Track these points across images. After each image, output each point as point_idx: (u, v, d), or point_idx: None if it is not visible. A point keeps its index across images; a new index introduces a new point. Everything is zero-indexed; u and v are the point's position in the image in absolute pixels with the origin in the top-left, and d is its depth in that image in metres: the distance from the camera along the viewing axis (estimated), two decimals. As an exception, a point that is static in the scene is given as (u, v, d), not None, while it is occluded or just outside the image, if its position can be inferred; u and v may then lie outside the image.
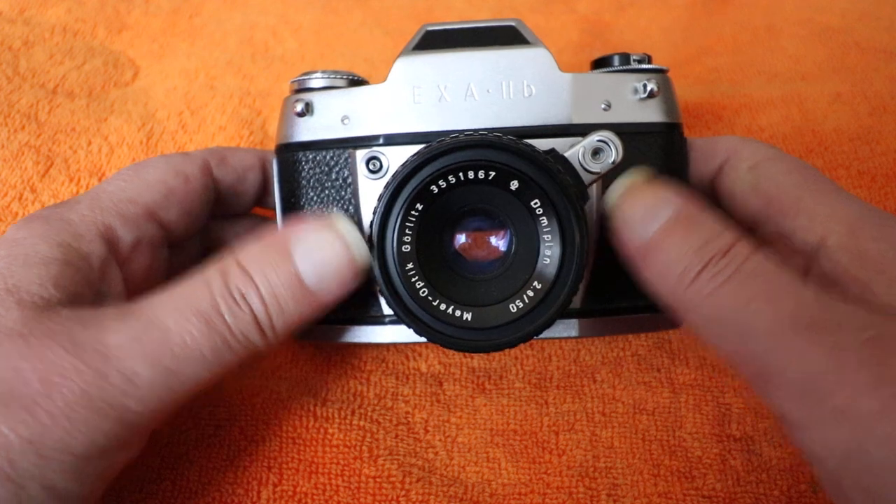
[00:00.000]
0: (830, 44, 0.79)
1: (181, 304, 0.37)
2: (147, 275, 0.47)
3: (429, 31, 0.47)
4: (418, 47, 0.46)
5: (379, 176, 0.45)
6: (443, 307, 0.40)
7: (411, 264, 0.40)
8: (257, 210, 0.57)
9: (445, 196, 0.40)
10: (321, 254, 0.39)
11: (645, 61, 0.48)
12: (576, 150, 0.41)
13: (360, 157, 0.45)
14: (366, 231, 0.40)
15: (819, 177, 0.44)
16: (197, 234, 0.52)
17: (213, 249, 0.55)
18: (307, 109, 0.47)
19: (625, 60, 0.48)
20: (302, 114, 0.47)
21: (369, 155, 0.45)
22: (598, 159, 0.41)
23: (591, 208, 0.44)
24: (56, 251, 0.40)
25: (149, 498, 0.47)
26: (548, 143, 0.42)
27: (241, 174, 0.52)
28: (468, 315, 0.40)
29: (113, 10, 0.82)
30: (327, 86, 0.48)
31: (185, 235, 0.50)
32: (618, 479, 0.48)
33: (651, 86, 0.46)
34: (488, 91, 0.45)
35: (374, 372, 0.54)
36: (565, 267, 0.40)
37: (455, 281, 0.41)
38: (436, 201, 0.40)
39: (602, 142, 0.41)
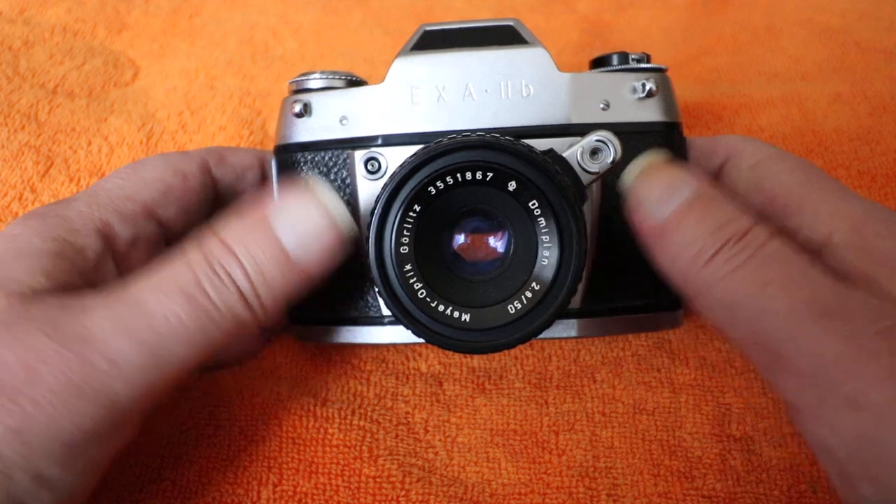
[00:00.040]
0: (830, 44, 0.79)
1: (163, 282, 0.37)
2: None
3: (427, 31, 0.47)
4: (416, 47, 0.46)
5: (377, 176, 0.45)
6: (441, 308, 0.40)
7: (409, 265, 0.40)
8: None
9: (443, 197, 0.40)
10: (302, 221, 0.38)
11: (644, 60, 0.48)
12: (574, 150, 0.41)
13: (358, 157, 0.45)
14: (364, 232, 0.40)
15: (821, 175, 0.44)
16: (195, 232, 0.52)
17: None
18: (305, 110, 0.47)
19: (623, 60, 0.48)
20: (300, 114, 0.47)
21: (368, 155, 0.45)
22: (597, 159, 0.41)
23: (589, 208, 0.44)
24: (49, 244, 0.40)
25: (149, 498, 0.47)
26: (546, 143, 0.42)
27: (239, 173, 0.52)
28: (466, 316, 0.40)
29: (113, 10, 0.82)
30: (325, 86, 0.48)
31: (183, 234, 0.49)
32: (618, 479, 0.48)
33: (650, 85, 0.46)
34: (486, 91, 0.45)
35: (374, 372, 0.54)
36: (563, 268, 0.39)
37: (453, 282, 0.41)
38: (434, 202, 0.40)
39: (600, 142, 0.41)
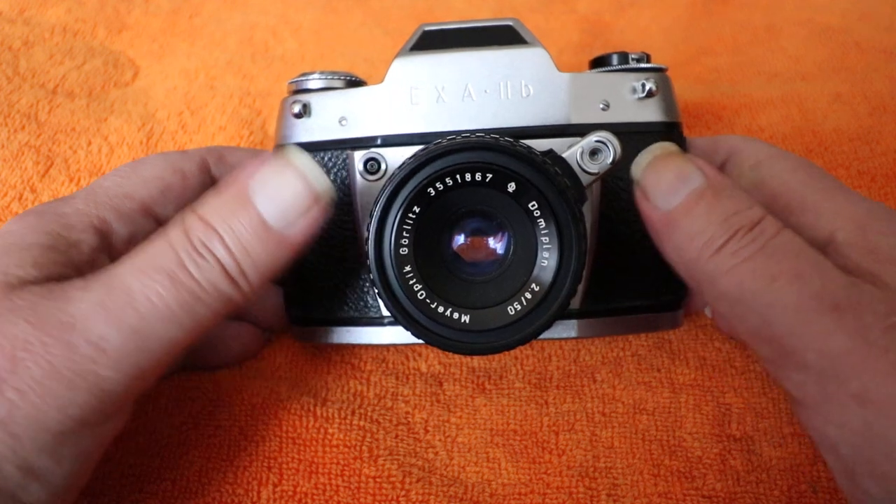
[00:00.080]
0: (830, 44, 0.79)
1: (144, 263, 0.37)
2: None
3: (426, 32, 0.47)
4: (416, 48, 0.46)
5: (377, 177, 0.45)
6: (440, 309, 0.40)
7: (409, 266, 0.40)
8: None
9: (443, 198, 0.40)
10: (280, 191, 0.38)
11: (643, 60, 0.48)
12: (574, 150, 0.41)
13: (357, 158, 0.45)
14: (363, 233, 0.40)
15: (823, 174, 0.44)
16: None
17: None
18: (305, 111, 0.47)
19: (623, 59, 0.48)
20: (299, 115, 0.47)
21: (367, 156, 0.45)
22: (596, 160, 0.41)
23: (589, 209, 0.44)
24: (42, 238, 0.39)
25: (149, 498, 0.47)
26: (546, 144, 0.42)
27: None
28: (466, 317, 0.40)
29: (113, 10, 0.82)
30: (325, 87, 0.48)
31: None
32: (618, 479, 0.48)
33: (650, 85, 0.46)
34: (486, 91, 0.45)
35: (374, 372, 0.54)
36: (563, 269, 0.39)
37: (453, 283, 0.41)
38: (433, 203, 0.40)
39: (600, 142, 0.41)
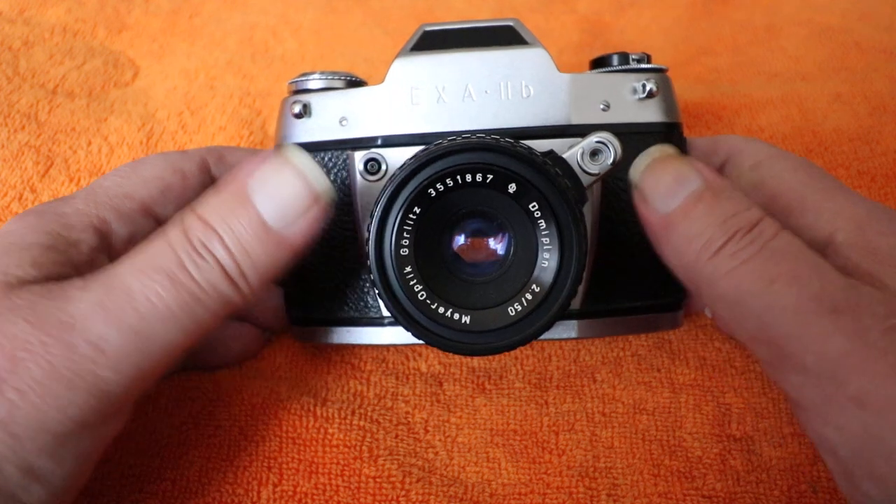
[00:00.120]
0: (830, 44, 0.79)
1: (144, 263, 0.36)
2: None
3: (426, 32, 0.47)
4: (416, 48, 0.46)
5: (377, 177, 0.45)
6: (441, 310, 0.40)
7: (409, 267, 0.40)
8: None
9: (443, 199, 0.40)
10: (280, 191, 0.37)
11: (644, 61, 0.48)
12: (574, 151, 0.41)
13: (358, 158, 0.45)
14: (363, 233, 0.40)
15: (823, 174, 0.44)
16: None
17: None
18: (305, 111, 0.47)
19: (624, 60, 0.48)
20: (300, 115, 0.47)
21: (367, 156, 0.45)
22: (597, 160, 0.41)
23: (589, 210, 0.44)
24: (42, 238, 0.39)
25: (149, 498, 0.47)
26: (546, 144, 0.42)
27: None
28: (466, 318, 0.40)
29: (113, 10, 0.82)
30: (325, 87, 0.48)
31: None
32: (618, 479, 0.48)
33: (650, 85, 0.46)
34: (486, 92, 0.45)
35: (374, 372, 0.54)
36: (563, 270, 0.39)
37: (453, 284, 0.41)
38: (434, 204, 0.40)
39: (601, 143, 0.41)
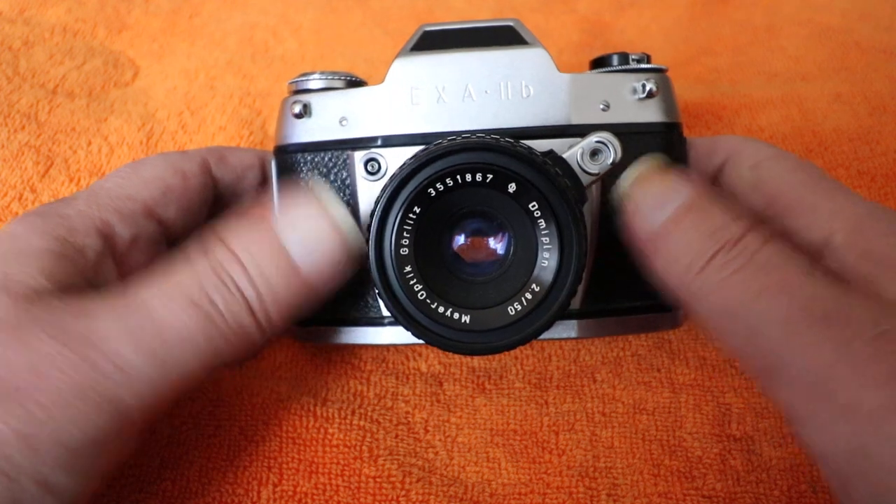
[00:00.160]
0: (830, 44, 0.79)
1: (169, 289, 0.37)
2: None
3: (426, 32, 0.47)
4: (416, 48, 0.46)
5: (377, 177, 0.45)
6: (441, 310, 0.40)
7: (409, 267, 0.40)
8: (257, 210, 0.57)
9: (443, 199, 0.40)
10: (309, 232, 0.38)
11: (644, 61, 0.48)
12: (574, 151, 0.41)
13: (358, 158, 0.45)
14: (363, 233, 0.40)
15: (821, 174, 0.43)
16: (195, 232, 0.52)
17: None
18: (305, 111, 0.47)
19: (623, 60, 0.48)
20: (300, 115, 0.47)
21: (367, 156, 0.45)
22: (597, 160, 0.41)
23: (589, 210, 0.44)
24: (50, 243, 0.39)
25: (149, 498, 0.47)
26: (546, 144, 0.42)
27: (240, 173, 0.52)
28: (466, 317, 0.40)
29: (113, 10, 0.82)
30: (325, 87, 0.48)
31: (183, 233, 0.49)
32: (618, 478, 0.48)
33: (650, 85, 0.46)
34: (486, 92, 0.45)
35: (374, 372, 0.54)
36: (563, 269, 0.39)
37: (453, 283, 0.41)
38: (434, 204, 0.40)
39: (600, 143, 0.41)
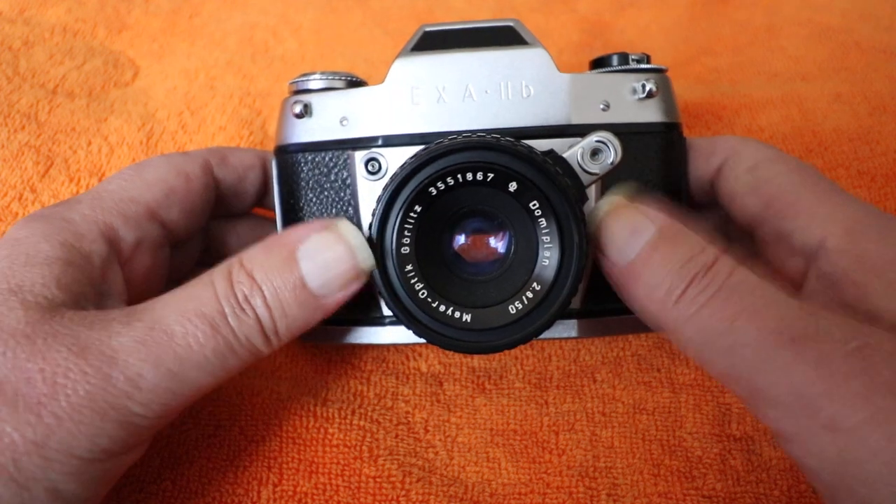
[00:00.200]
0: (830, 44, 0.79)
1: (186, 307, 0.37)
2: (148, 275, 0.47)
3: (427, 32, 0.47)
4: (416, 48, 0.46)
5: (378, 177, 0.45)
6: (442, 308, 0.40)
7: (410, 266, 0.40)
8: (257, 210, 0.57)
9: (444, 197, 0.40)
10: (327, 261, 0.39)
11: (644, 61, 0.48)
12: (574, 150, 0.41)
13: (358, 158, 0.46)
14: (365, 233, 0.40)
15: (819, 177, 0.43)
16: (198, 233, 0.52)
17: (214, 249, 0.55)
18: (306, 111, 0.47)
19: (623, 60, 0.48)
20: (300, 115, 0.47)
21: (368, 156, 0.45)
22: (597, 160, 0.41)
23: (589, 209, 0.44)
24: (58, 250, 0.40)
25: (149, 498, 0.47)
26: (547, 144, 0.42)
27: (241, 174, 0.52)
28: (467, 316, 0.40)
29: (113, 10, 0.82)
30: (326, 87, 0.48)
31: (186, 235, 0.50)
32: (618, 478, 0.48)
33: (650, 86, 0.46)
34: (487, 92, 0.45)
35: (375, 372, 0.54)
36: (564, 268, 0.39)
37: (454, 282, 0.41)
38: (435, 203, 0.40)
39: (601, 142, 0.41)
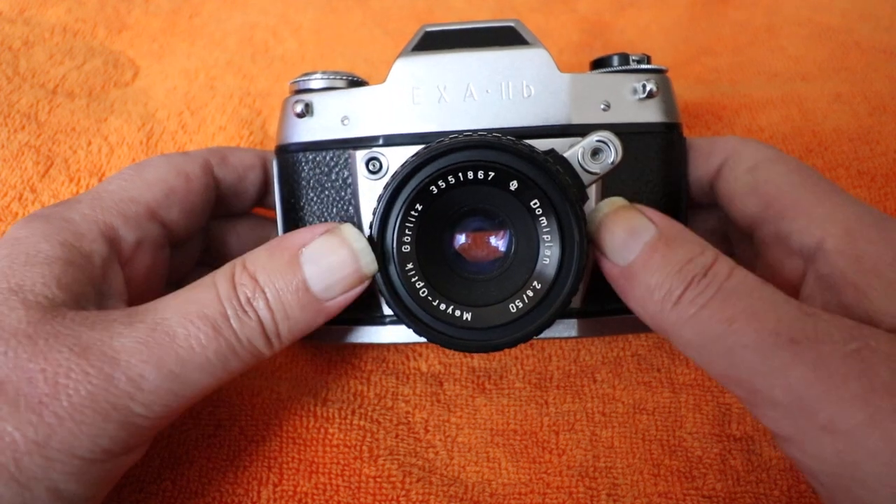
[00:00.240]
0: (830, 44, 0.79)
1: (188, 308, 0.37)
2: (149, 274, 0.47)
3: (428, 32, 0.47)
4: (417, 48, 0.46)
5: (379, 176, 0.45)
6: (442, 307, 0.40)
7: (411, 264, 0.40)
8: (258, 210, 0.57)
9: (445, 196, 0.40)
10: (330, 265, 0.39)
11: (644, 61, 0.48)
12: (575, 150, 0.41)
13: (359, 157, 0.46)
14: (365, 232, 0.40)
15: (818, 178, 0.43)
16: (198, 233, 0.52)
17: (214, 249, 0.55)
18: (307, 110, 0.47)
19: (624, 60, 0.48)
20: (302, 115, 0.47)
21: (369, 155, 0.45)
22: (598, 160, 0.41)
23: (589, 209, 0.44)
24: (58, 250, 0.40)
25: (149, 498, 0.47)
26: (547, 144, 0.42)
27: (241, 174, 0.52)
28: (468, 315, 0.40)
29: (113, 10, 0.82)
30: (327, 87, 0.48)
31: (186, 235, 0.50)
32: (618, 478, 0.48)
33: (650, 86, 0.46)
34: (487, 91, 0.45)
35: (375, 372, 0.54)
36: (565, 267, 0.39)
37: (455, 281, 0.41)
38: (435, 201, 0.40)
39: (601, 142, 0.41)
